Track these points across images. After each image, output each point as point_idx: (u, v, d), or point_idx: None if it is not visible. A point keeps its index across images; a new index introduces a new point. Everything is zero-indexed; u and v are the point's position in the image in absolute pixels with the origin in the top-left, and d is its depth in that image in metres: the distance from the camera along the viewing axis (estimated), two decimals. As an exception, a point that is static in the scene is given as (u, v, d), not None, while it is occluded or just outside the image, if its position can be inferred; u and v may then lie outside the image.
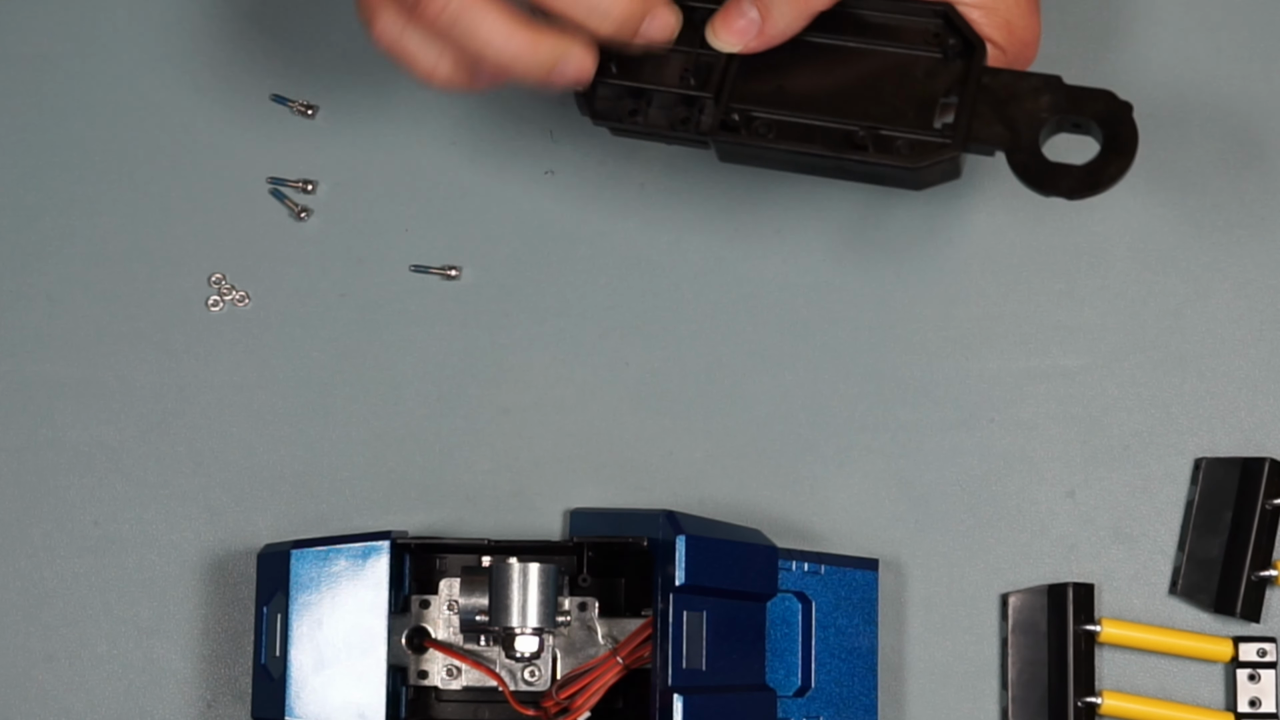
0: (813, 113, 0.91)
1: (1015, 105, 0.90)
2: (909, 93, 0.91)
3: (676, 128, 0.92)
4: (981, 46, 0.90)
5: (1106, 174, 0.89)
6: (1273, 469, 1.01)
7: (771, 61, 0.92)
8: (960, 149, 0.89)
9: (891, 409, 1.03)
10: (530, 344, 1.03)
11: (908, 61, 0.91)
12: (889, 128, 0.90)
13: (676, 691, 0.93)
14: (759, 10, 0.90)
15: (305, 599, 0.97)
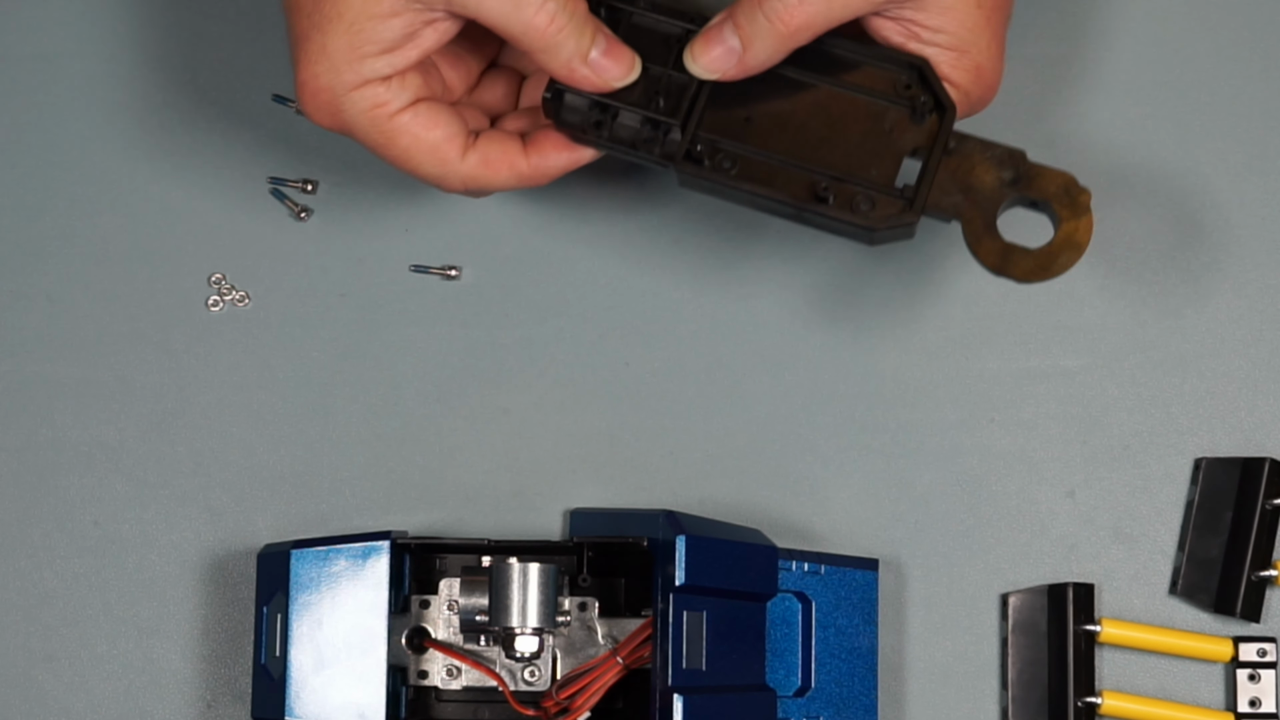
0: (778, 152, 0.91)
1: (977, 176, 0.90)
2: (875, 144, 0.91)
3: (640, 147, 0.91)
4: (952, 109, 0.90)
5: (1058, 262, 0.89)
6: (1273, 469, 1.01)
7: (743, 92, 0.91)
8: (917, 216, 0.89)
9: (891, 409, 1.03)
10: (530, 344, 1.03)
11: (878, 111, 0.91)
12: (851, 180, 0.90)
13: (676, 691, 0.93)
14: (740, 39, 0.90)
15: (305, 599, 0.97)
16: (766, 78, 0.91)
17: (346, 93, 0.89)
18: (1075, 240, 0.90)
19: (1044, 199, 0.90)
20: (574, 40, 0.89)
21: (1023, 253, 0.89)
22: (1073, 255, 0.89)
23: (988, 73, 0.92)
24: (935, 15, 0.90)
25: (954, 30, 0.90)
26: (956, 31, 0.90)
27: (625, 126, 0.91)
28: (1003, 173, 0.90)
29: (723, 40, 0.90)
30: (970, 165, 0.90)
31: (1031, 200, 0.90)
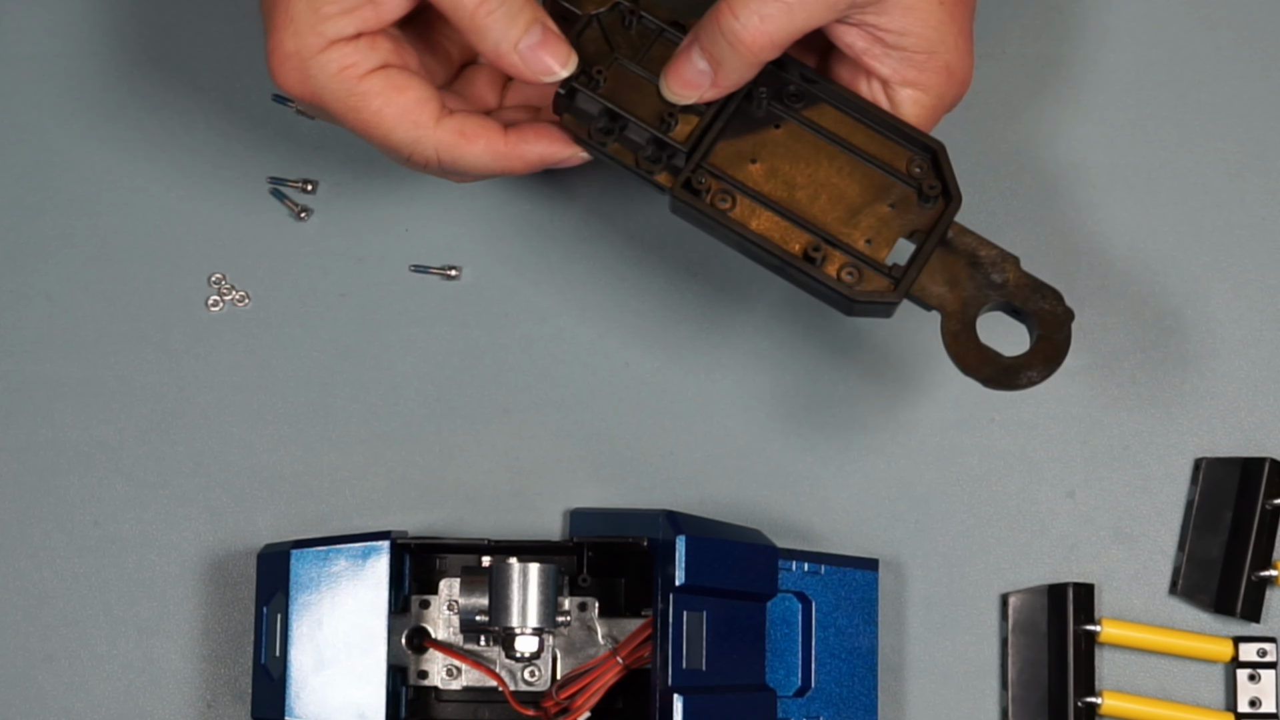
0: (777, 200, 0.90)
1: (967, 272, 0.90)
2: (875, 217, 0.90)
3: (641, 165, 0.91)
4: (957, 200, 0.90)
5: (1026, 376, 0.89)
6: (1273, 469, 1.01)
7: (757, 132, 0.91)
8: (900, 299, 0.89)
9: (891, 409, 1.03)
10: (530, 344, 1.03)
11: (885, 185, 0.91)
12: (844, 246, 0.90)
13: (676, 691, 0.93)
14: (708, 62, 0.89)
15: (305, 599, 0.97)
16: (781, 124, 0.91)
17: (313, 56, 0.88)
18: (1049, 358, 0.89)
19: (1026, 310, 0.90)
20: (502, 26, 0.88)
21: (994, 358, 0.89)
22: (1043, 372, 0.89)
23: (958, 70, 0.91)
24: (898, 18, 0.89)
25: (919, 31, 0.90)
26: (921, 32, 0.90)
27: (631, 141, 0.91)
28: (993, 274, 0.90)
29: (692, 65, 0.89)
30: (963, 260, 0.90)
31: (1015, 308, 0.90)
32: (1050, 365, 0.89)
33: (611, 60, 0.91)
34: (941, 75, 0.91)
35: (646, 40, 0.91)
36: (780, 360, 1.03)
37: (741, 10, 0.87)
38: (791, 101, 0.91)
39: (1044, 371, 0.89)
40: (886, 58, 0.90)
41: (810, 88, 0.92)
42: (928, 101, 0.91)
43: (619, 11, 0.91)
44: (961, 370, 0.89)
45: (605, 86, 0.90)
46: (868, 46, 0.90)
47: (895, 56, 0.90)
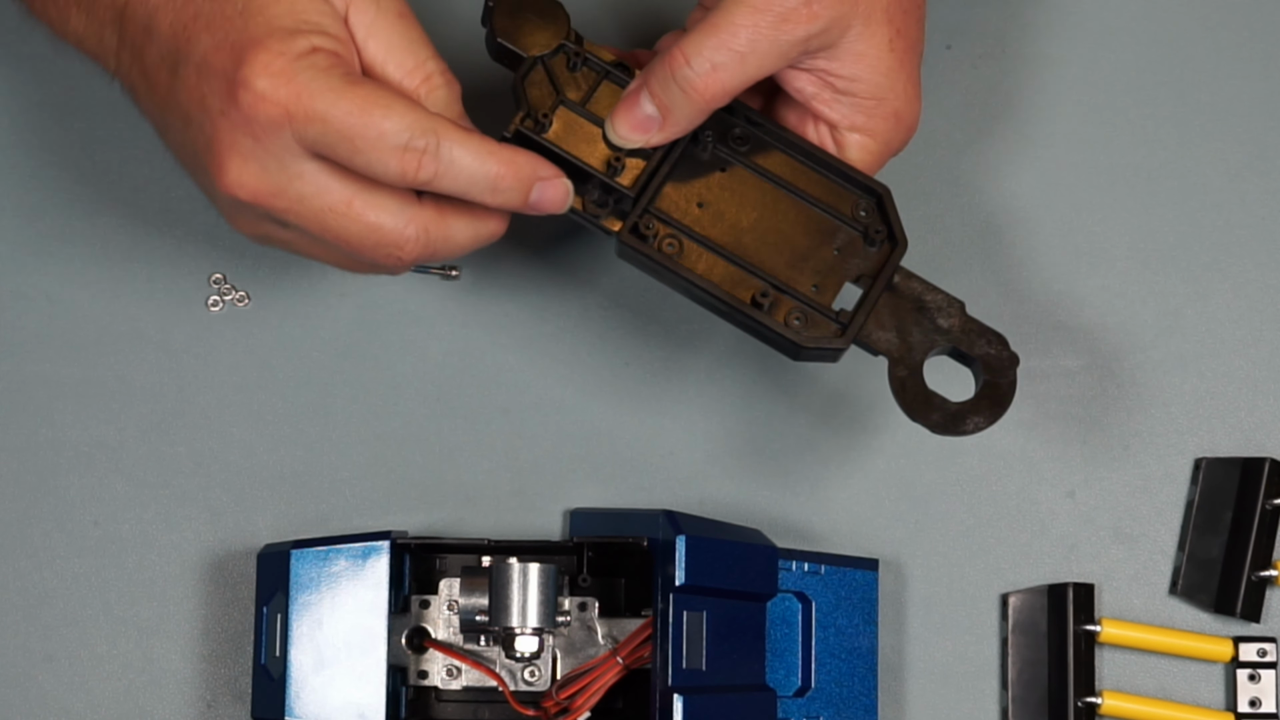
0: (723, 244, 0.90)
1: (914, 317, 0.90)
2: (821, 261, 0.90)
3: (588, 209, 0.90)
4: (903, 244, 0.90)
5: (972, 421, 0.90)
6: (1273, 469, 1.01)
7: (703, 176, 0.90)
8: (846, 345, 0.89)
9: (891, 409, 1.03)
10: (530, 344, 1.03)
11: (831, 229, 0.91)
12: (791, 291, 0.89)
13: (676, 691, 0.93)
14: (657, 107, 0.88)
15: (305, 599, 0.97)
16: (727, 167, 0.91)
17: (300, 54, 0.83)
18: (994, 402, 0.89)
19: (973, 355, 0.90)
20: None
21: (941, 404, 0.89)
22: (989, 418, 0.90)
23: (906, 115, 0.91)
24: (849, 64, 0.89)
25: (869, 78, 0.89)
26: (871, 79, 0.89)
27: (578, 186, 0.89)
28: (939, 319, 0.90)
29: (640, 109, 0.88)
30: (909, 305, 0.90)
31: (961, 353, 0.90)
32: (996, 410, 0.90)
33: (557, 103, 0.90)
34: (890, 121, 0.91)
35: (593, 82, 0.90)
36: (781, 360, 1.03)
37: (694, 56, 0.87)
38: (737, 145, 0.91)
39: (989, 416, 0.90)
40: (836, 103, 0.90)
41: (756, 131, 0.91)
42: (874, 147, 0.91)
43: (564, 53, 0.90)
44: (908, 416, 0.90)
45: (551, 130, 0.89)
46: (817, 91, 0.90)
47: (845, 102, 0.90)
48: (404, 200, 0.86)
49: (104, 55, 0.90)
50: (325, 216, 0.85)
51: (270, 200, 0.85)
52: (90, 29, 0.89)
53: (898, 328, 0.90)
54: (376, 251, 0.86)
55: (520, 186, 0.86)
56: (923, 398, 0.90)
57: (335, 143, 0.83)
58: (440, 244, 0.87)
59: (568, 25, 0.90)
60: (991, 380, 0.90)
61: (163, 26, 0.86)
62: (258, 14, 0.84)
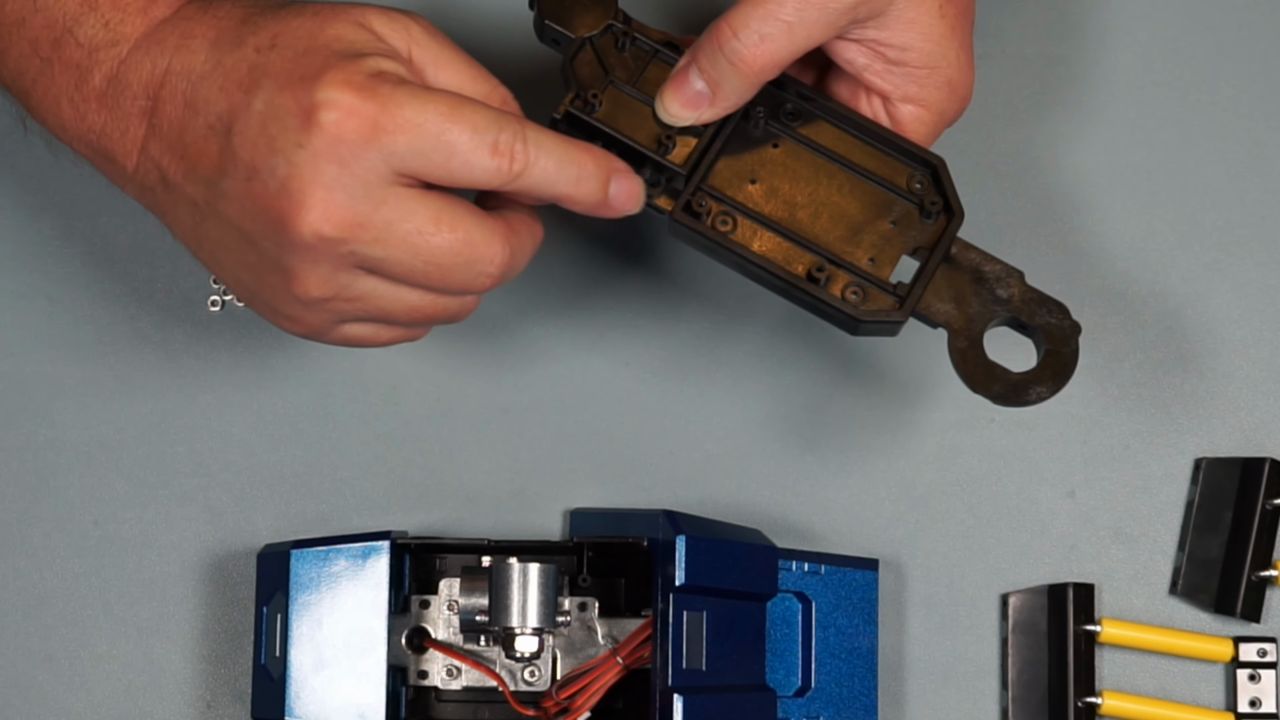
0: (778, 220, 0.89)
1: (972, 288, 0.89)
2: (877, 235, 0.90)
3: None
4: (959, 216, 0.89)
5: (1035, 392, 0.89)
6: (1273, 469, 1.01)
7: (756, 152, 0.90)
8: (905, 318, 0.89)
9: (891, 409, 1.03)
10: (530, 344, 1.03)
11: (886, 202, 0.90)
12: (848, 266, 0.89)
13: (676, 691, 0.93)
14: (706, 83, 0.88)
15: (305, 599, 0.97)
16: (780, 143, 0.90)
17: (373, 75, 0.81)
18: (1057, 372, 0.89)
19: (1033, 325, 0.89)
20: None
21: (1003, 375, 0.89)
22: (1052, 386, 0.89)
23: (960, 85, 0.90)
24: (899, 32, 0.88)
25: (921, 46, 0.89)
26: (923, 47, 0.89)
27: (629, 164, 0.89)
28: (998, 289, 0.89)
29: (690, 85, 0.88)
30: (967, 276, 0.89)
31: (1021, 323, 0.90)
32: (1059, 380, 0.89)
33: (606, 84, 0.90)
34: (943, 90, 0.90)
35: (641, 62, 0.90)
36: (780, 360, 1.03)
37: (742, 29, 0.86)
38: (789, 120, 0.91)
39: (1053, 386, 0.89)
40: (888, 74, 0.90)
41: (808, 105, 0.91)
42: (928, 117, 0.91)
43: (612, 33, 0.90)
44: (970, 388, 0.89)
45: (601, 110, 0.89)
46: (868, 63, 0.90)
47: (896, 72, 0.90)
48: (482, 215, 0.84)
49: (125, 151, 0.86)
50: (414, 239, 0.82)
51: (356, 231, 0.82)
52: (114, 123, 0.86)
53: (956, 299, 0.89)
54: (469, 270, 0.84)
55: (602, 175, 0.85)
56: (984, 369, 0.89)
57: (430, 149, 0.81)
58: (518, 254, 0.85)
59: (615, 5, 0.90)
60: (1054, 350, 0.89)
61: (211, 93, 0.83)
62: (321, 49, 0.82)
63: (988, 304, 0.89)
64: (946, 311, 0.89)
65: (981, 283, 0.89)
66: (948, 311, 0.89)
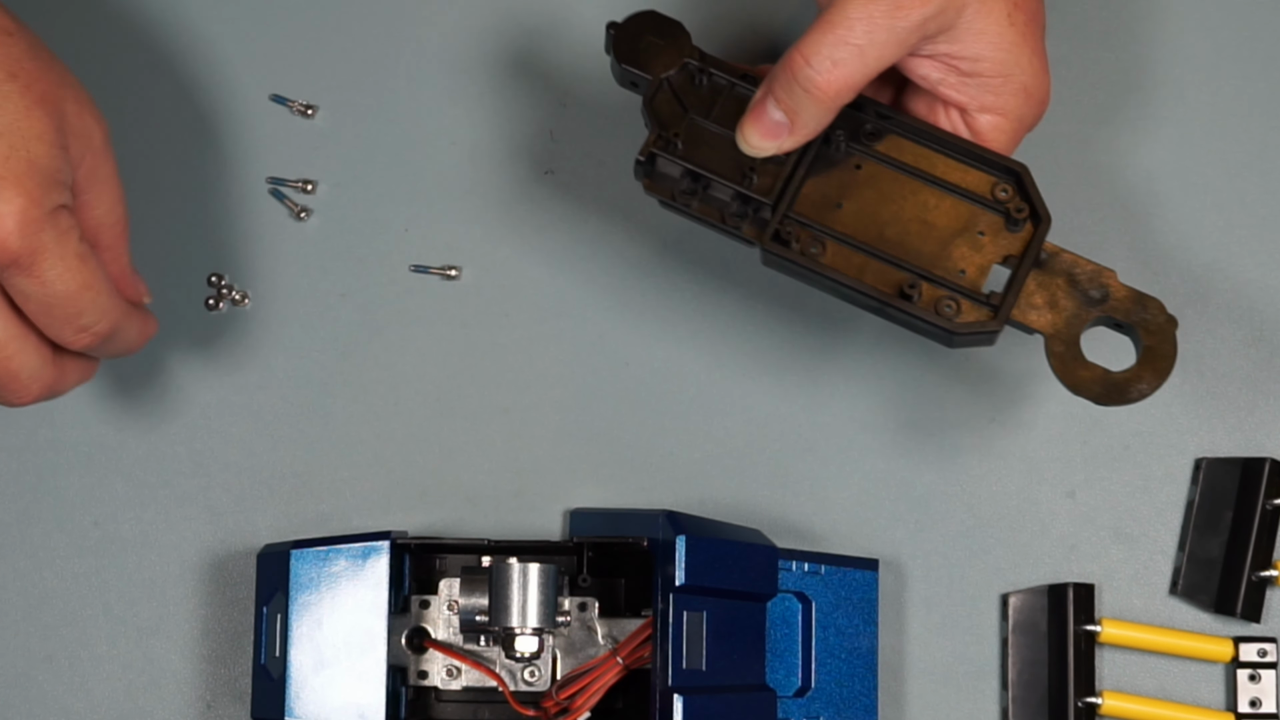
0: (867, 241, 0.90)
1: (1065, 290, 0.89)
2: (965, 246, 0.90)
3: (728, 221, 0.91)
4: (1047, 221, 0.89)
5: (1137, 389, 0.89)
6: (1273, 469, 1.01)
7: (839, 176, 0.91)
8: (1001, 326, 0.89)
9: (891, 409, 1.03)
10: (530, 344, 1.03)
11: (972, 214, 0.90)
12: (940, 280, 0.89)
13: (676, 691, 0.93)
14: (784, 112, 0.88)
15: (305, 599, 0.97)
16: (863, 164, 0.91)
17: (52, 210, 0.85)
18: (1157, 367, 0.89)
19: (1129, 322, 0.89)
20: None
21: (1103, 375, 0.89)
22: (1153, 382, 0.89)
23: (1035, 90, 0.91)
24: (970, 44, 0.89)
25: (993, 55, 0.89)
26: (995, 56, 0.89)
27: (715, 199, 0.90)
28: (1091, 290, 0.89)
29: (768, 116, 0.89)
30: (1059, 280, 0.90)
31: (1117, 322, 0.90)
32: (1160, 375, 0.89)
33: (685, 120, 0.91)
34: (1019, 97, 0.90)
35: (718, 96, 0.91)
36: (780, 360, 1.03)
37: (814, 56, 0.87)
38: (869, 140, 0.91)
39: (1154, 382, 0.89)
40: (963, 86, 0.90)
41: (886, 124, 0.91)
42: (1007, 125, 0.91)
43: (688, 71, 0.91)
44: (1071, 390, 0.89)
45: (683, 148, 0.90)
46: (943, 76, 0.90)
47: (971, 84, 0.90)
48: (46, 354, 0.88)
49: None
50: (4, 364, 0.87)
51: None
52: None
53: (1050, 303, 0.89)
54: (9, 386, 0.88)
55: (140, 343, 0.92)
56: (1084, 371, 0.89)
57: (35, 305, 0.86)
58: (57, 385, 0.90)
59: (689, 42, 0.91)
60: (1151, 345, 0.89)
61: None
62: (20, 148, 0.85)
63: (1082, 305, 0.89)
64: (1041, 316, 0.89)
65: (1074, 285, 0.90)
66: (1043, 316, 0.89)
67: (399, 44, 1.04)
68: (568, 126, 1.04)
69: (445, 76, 1.04)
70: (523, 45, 1.04)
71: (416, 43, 1.05)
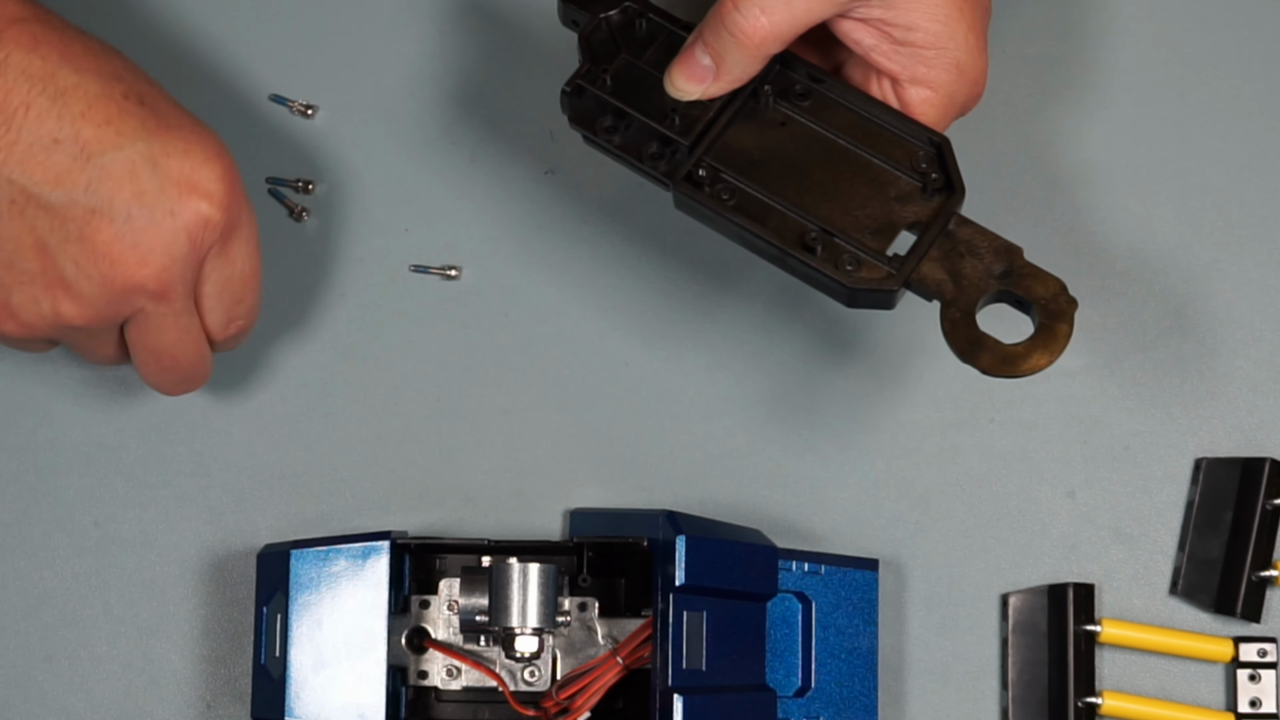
0: (781, 196, 0.91)
1: (969, 262, 0.89)
2: (878, 210, 0.90)
3: (645, 160, 0.92)
4: (961, 192, 0.90)
5: (1028, 363, 0.88)
6: (1273, 469, 1.01)
7: (759, 130, 0.92)
8: (898, 286, 0.89)
9: (891, 409, 1.03)
10: (530, 344, 1.03)
11: (888, 179, 0.91)
12: (844, 237, 0.90)
13: (676, 691, 0.93)
14: (711, 57, 0.90)
15: (305, 599, 0.97)
16: (788, 122, 0.92)
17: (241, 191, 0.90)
18: (1049, 347, 0.88)
19: (1029, 299, 0.89)
20: None
21: (993, 346, 0.88)
22: (1043, 360, 0.88)
23: (969, 68, 0.91)
24: (905, 11, 0.89)
25: (926, 26, 0.89)
26: (929, 27, 0.89)
27: (636, 137, 0.92)
28: (995, 264, 0.89)
29: (695, 60, 0.90)
30: (965, 250, 0.90)
31: (1017, 298, 0.90)
32: (1050, 353, 0.89)
33: (618, 59, 0.92)
34: (951, 72, 0.90)
35: (654, 40, 0.92)
36: (781, 360, 1.03)
37: (743, 3, 0.88)
38: (798, 100, 0.92)
39: (1044, 359, 0.88)
40: (895, 54, 0.90)
41: (816, 86, 0.92)
42: (937, 100, 0.91)
43: (628, 15, 0.93)
44: (960, 358, 0.89)
45: (611, 84, 0.92)
46: (875, 43, 0.90)
47: (903, 53, 0.90)
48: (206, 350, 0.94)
49: None
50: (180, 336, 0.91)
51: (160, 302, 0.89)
52: None
53: (952, 272, 0.89)
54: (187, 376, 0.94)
55: None
56: (974, 339, 0.89)
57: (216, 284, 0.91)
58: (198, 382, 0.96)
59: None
60: (1047, 324, 0.89)
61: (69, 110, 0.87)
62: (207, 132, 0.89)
63: (984, 277, 0.89)
64: (941, 283, 0.89)
65: (978, 257, 0.90)
66: (942, 283, 0.89)
67: (399, 44, 1.04)
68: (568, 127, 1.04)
69: (445, 76, 1.04)
70: (523, 45, 1.04)
71: (416, 43, 1.04)
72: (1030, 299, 0.89)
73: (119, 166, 0.86)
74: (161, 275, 0.88)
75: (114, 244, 0.87)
